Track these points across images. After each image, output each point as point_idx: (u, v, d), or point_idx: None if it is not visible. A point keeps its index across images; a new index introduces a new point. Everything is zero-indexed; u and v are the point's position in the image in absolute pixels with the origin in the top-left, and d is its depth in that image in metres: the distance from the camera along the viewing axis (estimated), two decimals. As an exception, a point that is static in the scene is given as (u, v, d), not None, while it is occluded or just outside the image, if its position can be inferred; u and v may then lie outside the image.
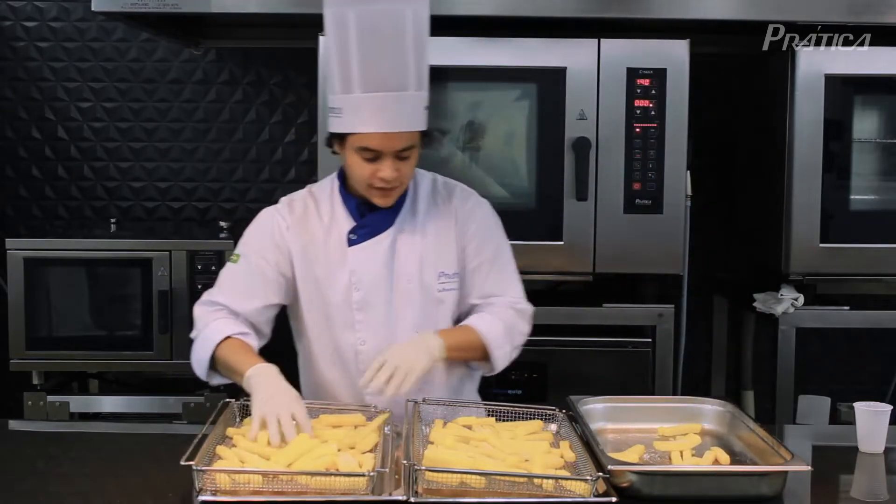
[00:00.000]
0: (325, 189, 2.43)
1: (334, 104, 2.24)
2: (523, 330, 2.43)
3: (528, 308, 2.45)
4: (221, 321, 2.34)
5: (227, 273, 2.41)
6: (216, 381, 2.37)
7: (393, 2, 2.16)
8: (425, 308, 2.37)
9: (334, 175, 2.43)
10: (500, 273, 2.43)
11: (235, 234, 3.63)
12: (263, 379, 2.18)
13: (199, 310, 2.39)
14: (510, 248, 2.48)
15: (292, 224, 2.38)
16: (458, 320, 2.44)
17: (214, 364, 2.33)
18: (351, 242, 2.35)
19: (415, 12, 2.18)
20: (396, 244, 2.36)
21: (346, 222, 2.37)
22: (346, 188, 2.39)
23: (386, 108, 2.18)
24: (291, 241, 2.37)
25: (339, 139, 2.28)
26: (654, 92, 3.21)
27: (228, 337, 2.31)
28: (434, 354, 2.24)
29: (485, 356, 2.36)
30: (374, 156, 2.23)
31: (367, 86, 2.18)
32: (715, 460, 2.06)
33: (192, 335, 2.39)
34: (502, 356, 2.37)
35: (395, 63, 2.17)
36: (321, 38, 3.19)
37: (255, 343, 2.37)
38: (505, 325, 2.37)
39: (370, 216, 2.36)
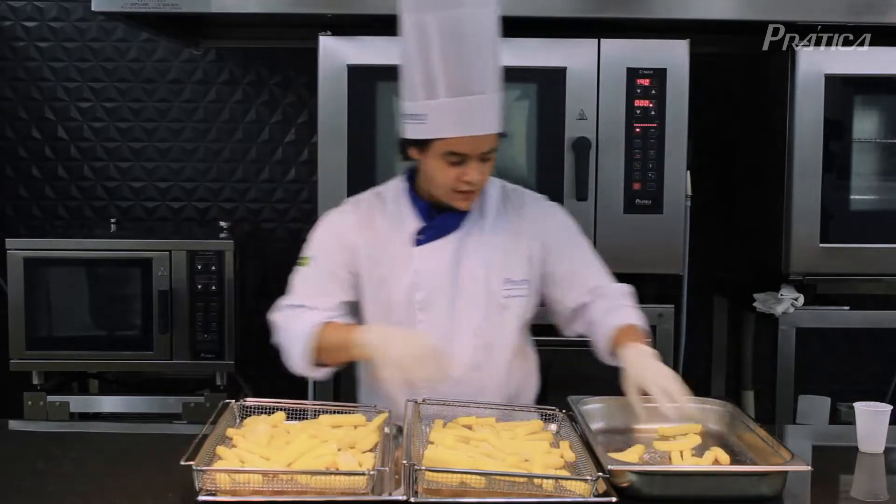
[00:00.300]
0: (392, 190, 2.42)
1: (416, 111, 2.22)
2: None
3: (629, 286, 2.46)
4: (305, 315, 2.32)
5: (300, 277, 2.41)
6: (318, 374, 2.34)
7: (473, 5, 2.17)
8: (488, 313, 2.36)
9: (401, 177, 2.43)
10: (594, 265, 2.45)
11: (235, 234, 3.64)
12: (379, 334, 2.22)
13: (278, 315, 2.37)
14: (588, 241, 2.50)
15: (357, 223, 2.38)
16: (556, 320, 2.47)
17: (318, 356, 2.30)
18: (417, 242, 2.36)
19: (489, 15, 2.20)
20: (463, 247, 2.36)
21: (412, 223, 2.37)
22: (415, 191, 2.38)
23: (473, 111, 2.19)
24: (357, 239, 2.37)
25: (418, 145, 2.26)
26: (654, 92, 3.21)
27: (322, 324, 2.29)
28: None
29: None
30: (459, 159, 2.23)
31: (454, 90, 2.17)
32: (715, 460, 2.06)
33: (277, 341, 2.36)
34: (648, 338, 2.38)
35: (478, 66, 2.18)
36: (320, 38, 3.20)
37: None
38: (637, 309, 2.40)
39: (438, 218, 2.36)
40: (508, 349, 2.41)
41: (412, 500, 1.82)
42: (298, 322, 2.32)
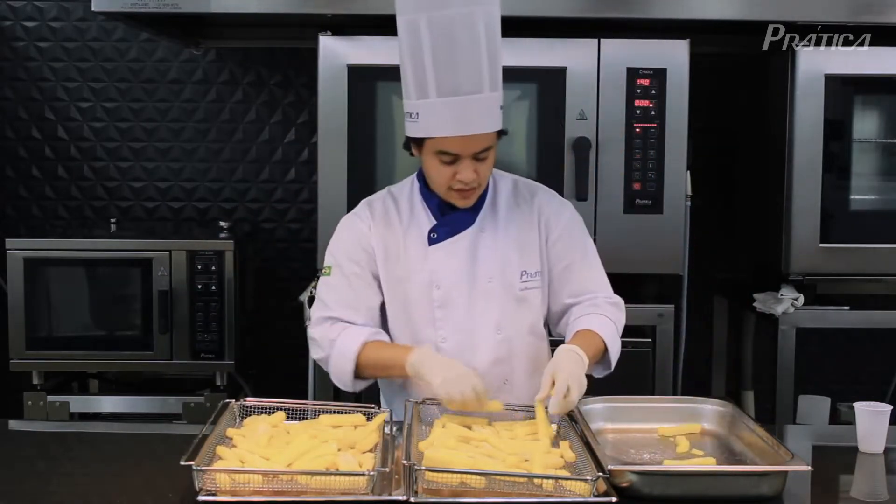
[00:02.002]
0: (405, 189, 2.44)
1: (410, 109, 2.25)
2: (623, 323, 2.44)
3: (621, 301, 2.46)
4: (348, 332, 2.34)
5: (327, 287, 2.40)
6: (361, 387, 2.38)
7: (464, 5, 2.16)
8: (507, 306, 2.38)
9: (413, 176, 2.44)
10: (591, 270, 2.44)
11: (235, 233, 3.65)
12: (431, 359, 2.24)
13: (316, 331, 2.37)
14: (594, 245, 2.49)
15: (374, 225, 2.39)
16: (547, 319, 2.46)
17: (358, 372, 2.33)
18: (431, 241, 2.36)
19: (486, 13, 2.19)
20: (477, 243, 2.37)
21: (426, 221, 2.38)
22: (427, 188, 2.39)
23: (462, 111, 2.19)
24: (374, 241, 2.38)
25: (416, 143, 2.29)
26: (654, 92, 3.21)
27: (365, 343, 2.31)
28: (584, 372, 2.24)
29: (602, 358, 2.37)
30: (452, 159, 2.24)
31: (443, 90, 2.19)
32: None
33: (319, 356, 2.38)
34: (616, 353, 2.38)
35: (469, 66, 2.18)
36: (320, 38, 3.20)
37: (387, 339, 2.38)
38: (614, 322, 2.39)
39: (450, 215, 2.36)
40: (530, 340, 2.42)
41: (412, 500, 1.82)
42: (340, 342, 2.33)
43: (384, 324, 2.43)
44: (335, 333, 2.34)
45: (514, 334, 2.39)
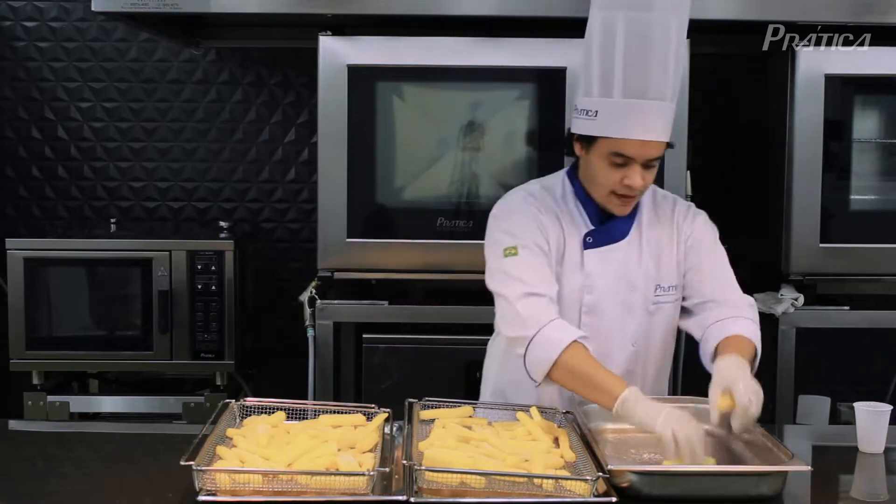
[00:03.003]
0: (558, 188, 2.40)
1: (588, 106, 2.23)
2: (759, 325, 2.41)
3: (753, 301, 2.44)
4: (560, 322, 2.24)
5: (519, 265, 2.28)
6: (546, 384, 2.26)
7: (662, 10, 2.16)
8: (643, 319, 2.37)
9: (564, 175, 2.40)
10: (725, 276, 2.43)
11: (235, 234, 3.64)
12: (645, 400, 2.10)
13: (524, 307, 2.24)
14: (725, 253, 2.47)
15: (545, 210, 2.35)
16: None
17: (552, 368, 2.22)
18: (587, 245, 2.34)
19: (680, 22, 2.19)
20: (628, 254, 2.36)
21: (582, 224, 2.35)
22: (584, 191, 2.36)
23: (646, 115, 2.18)
24: (548, 226, 2.34)
25: (585, 142, 2.26)
26: (654, 92, 3.20)
27: (574, 342, 2.21)
28: None
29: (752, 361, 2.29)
30: (624, 162, 2.22)
31: (630, 91, 2.18)
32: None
33: (517, 334, 2.24)
34: (759, 355, 2.33)
35: (659, 72, 2.18)
36: (320, 38, 3.20)
37: (591, 348, 2.25)
38: (755, 323, 2.37)
39: (609, 223, 2.34)
40: (659, 351, 2.43)
41: (412, 500, 1.82)
42: (552, 329, 2.21)
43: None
44: (547, 317, 2.22)
45: (645, 346, 2.39)
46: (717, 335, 2.32)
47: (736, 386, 2.08)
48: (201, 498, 1.82)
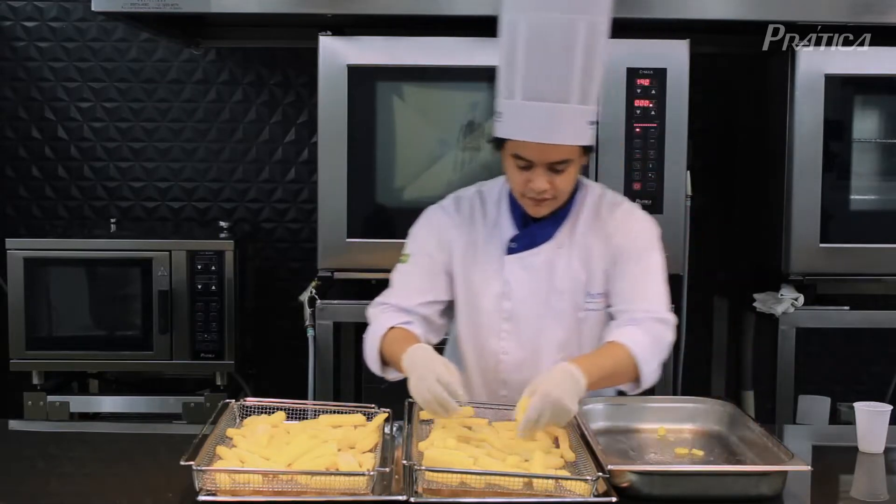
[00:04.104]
0: (495, 191, 2.40)
1: (498, 108, 2.23)
2: (669, 340, 2.28)
3: (672, 318, 2.29)
4: (386, 314, 2.33)
5: (398, 273, 2.39)
6: (392, 375, 2.31)
7: (568, 12, 2.13)
8: (572, 327, 2.33)
9: (505, 178, 2.38)
10: (644, 282, 2.31)
11: (235, 234, 3.64)
12: (417, 357, 2.14)
13: (371, 311, 2.39)
14: (663, 262, 2.34)
15: (459, 223, 2.36)
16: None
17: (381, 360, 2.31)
18: (510, 251, 2.33)
19: (590, 23, 2.15)
20: (554, 259, 2.32)
21: (508, 229, 2.34)
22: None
23: (543, 118, 2.15)
24: (455, 239, 2.36)
25: (497, 144, 2.27)
26: (654, 92, 3.21)
27: (392, 328, 2.30)
28: (581, 396, 2.07)
29: (633, 375, 2.22)
30: (526, 164, 2.20)
31: (528, 94, 2.16)
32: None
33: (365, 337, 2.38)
34: (650, 373, 2.22)
35: (559, 74, 2.14)
36: (320, 38, 3.20)
37: (421, 331, 2.32)
38: (652, 336, 2.23)
39: (533, 226, 2.33)
40: None
41: (412, 500, 1.82)
42: (374, 324, 2.33)
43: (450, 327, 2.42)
44: (376, 316, 2.34)
45: (574, 355, 2.26)
46: (602, 340, 2.27)
47: (535, 396, 2.01)
48: (201, 498, 1.82)
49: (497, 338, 2.34)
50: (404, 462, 1.90)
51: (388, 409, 2.22)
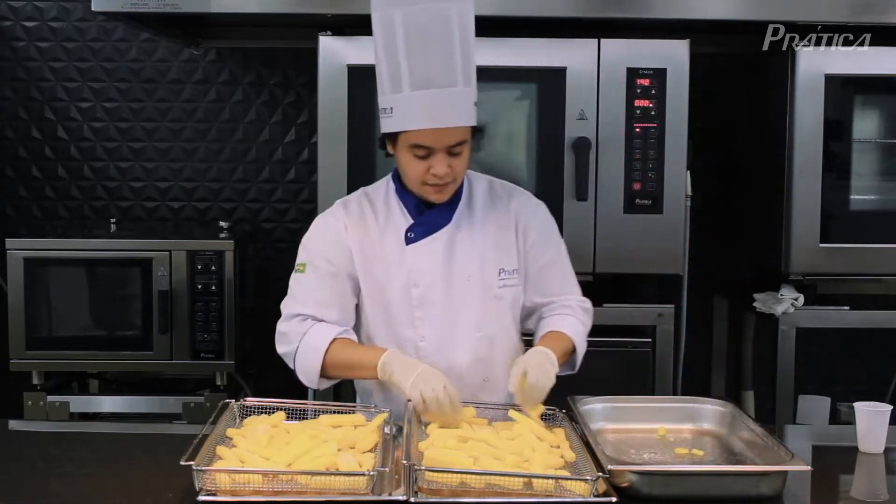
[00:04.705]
0: (381, 190, 2.45)
1: (385, 104, 2.26)
2: (590, 326, 2.50)
3: (591, 305, 2.52)
4: (318, 328, 2.35)
5: (299, 284, 2.42)
6: (325, 385, 2.39)
7: (438, 1, 2.19)
8: (485, 305, 2.39)
9: (389, 177, 2.45)
10: (563, 272, 2.49)
11: (235, 234, 3.64)
12: (401, 361, 2.25)
13: (285, 325, 2.39)
14: (566, 248, 2.52)
15: (349, 224, 2.40)
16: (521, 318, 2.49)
17: (324, 370, 2.34)
18: (409, 241, 2.37)
19: (459, 11, 2.21)
20: (454, 242, 2.38)
21: (403, 221, 2.39)
22: (403, 188, 2.39)
23: (436, 104, 2.20)
24: (350, 240, 2.39)
25: (391, 139, 2.30)
26: (654, 92, 3.21)
27: (334, 340, 2.33)
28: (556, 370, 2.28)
29: (571, 361, 2.43)
30: (426, 153, 2.25)
31: (416, 84, 2.20)
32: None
33: (285, 350, 2.39)
34: (581, 355, 2.43)
35: (442, 60, 2.20)
36: (320, 38, 3.20)
37: (356, 339, 2.40)
38: (584, 325, 2.45)
39: (427, 214, 2.38)
40: (509, 338, 2.44)
41: (412, 500, 1.82)
42: (309, 338, 2.34)
43: (359, 325, 2.43)
44: (305, 328, 2.35)
45: (493, 332, 2.40)
46: (543, 328, 2.41)
47: (529, 369, 2.18)
48: (201, 498, 1.82)
49: (412, 326, 2.38)
50: (404, 462, 1.90)
51: (387, 409, 2.22)
